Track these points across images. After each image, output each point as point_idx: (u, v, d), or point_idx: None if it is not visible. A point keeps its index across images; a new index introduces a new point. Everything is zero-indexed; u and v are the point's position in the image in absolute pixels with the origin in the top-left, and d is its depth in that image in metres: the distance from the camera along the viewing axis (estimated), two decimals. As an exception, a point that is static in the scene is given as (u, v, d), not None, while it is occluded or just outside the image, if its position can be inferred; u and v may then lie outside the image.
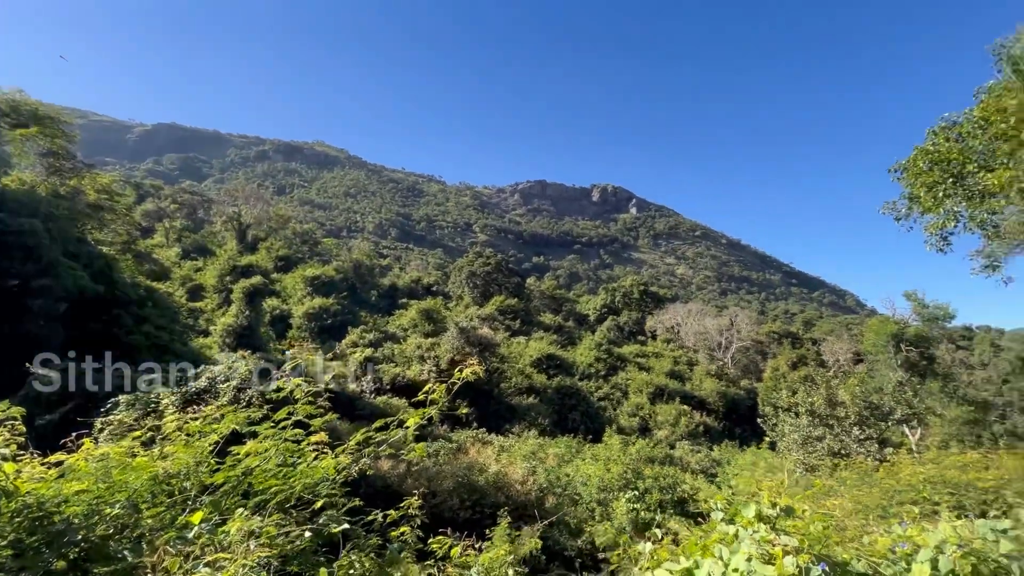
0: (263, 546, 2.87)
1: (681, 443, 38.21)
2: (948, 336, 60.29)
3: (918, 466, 8.80)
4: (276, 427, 3.65)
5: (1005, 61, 7.35)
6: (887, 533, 4.58)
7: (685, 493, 18.27)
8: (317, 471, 3.32)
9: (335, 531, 3.07)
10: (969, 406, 32.83)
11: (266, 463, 3.53)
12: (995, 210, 7.20)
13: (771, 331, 69.46)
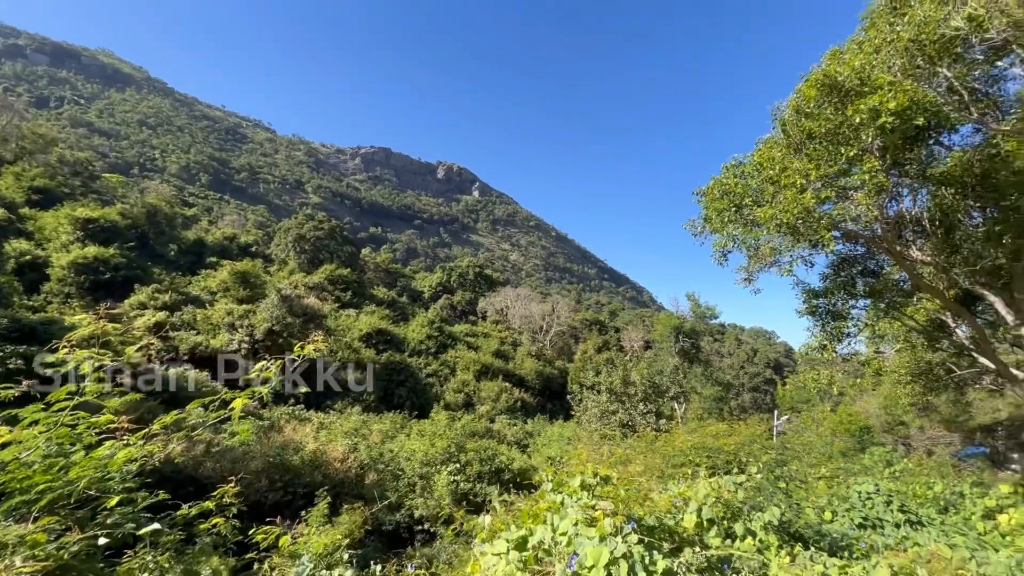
0: (29, 559, 2.32)
1: (500, 417, 40.85)
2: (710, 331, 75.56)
3: (686, 435, 11.07)
4: (49, 409, 2.91)
5: (777, 121, 9.39)
6: (665, 491, 5.62)
7: (502, 464, 19.71)
8: (112, 463, 2.75)
9: (144, 532, 2.61)
10: (718, 386, 41.75)
11: (29, 455, 2.82)
12: (757, 237, 9.22)
13: (584, 318, 78.10)
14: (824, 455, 19.25)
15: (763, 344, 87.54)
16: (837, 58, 9.63)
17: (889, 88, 7.43)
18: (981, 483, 11.78)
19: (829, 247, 8.05)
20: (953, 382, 17.24)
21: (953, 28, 6.41)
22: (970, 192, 9.62)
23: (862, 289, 11.80)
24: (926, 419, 25.32)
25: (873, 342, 15.16)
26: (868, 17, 9.44)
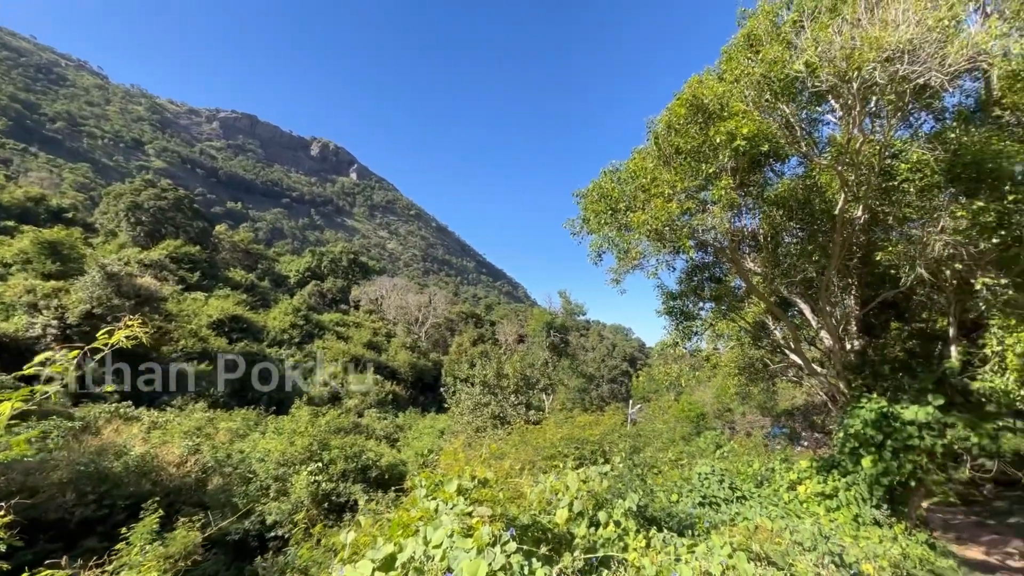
0: None
1: (370, 411, 39.22)
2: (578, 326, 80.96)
3: (556, 427, 11.60)
4: None
5: (651, 134, 10.10)
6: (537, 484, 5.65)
7: (369, 460, 18.81)
8: None
9: None
10: (582, 378, 44.77)
11: None
12: (628, 241, 9.83)
13: (461, 311, 78.35)
14: (670, 440, 21.62)
15: (621, 340, 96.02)
16: (703, 83, 10.68)
17: (743, 116, 8.38)
18: (787, 459, 14.09)
19: (689, 253, 8.92)
20: (768, 374, 20.34)
21: (795, 70, 7.42)
22: (793, 215, 11.34)
23: (709, 293, 13.31)
24: (747, 405, 29.87)
25: (713, 340, 17.20)
26: (729, 51, 10.59)
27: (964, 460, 17.35)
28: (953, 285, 10.05)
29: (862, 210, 9.89)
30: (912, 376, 10.99)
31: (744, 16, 10.88)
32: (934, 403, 10.08)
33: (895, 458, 10.36)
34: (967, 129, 9.04)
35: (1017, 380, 8.23)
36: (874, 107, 8.91)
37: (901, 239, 9.88)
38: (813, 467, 11.40)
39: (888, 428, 10.44)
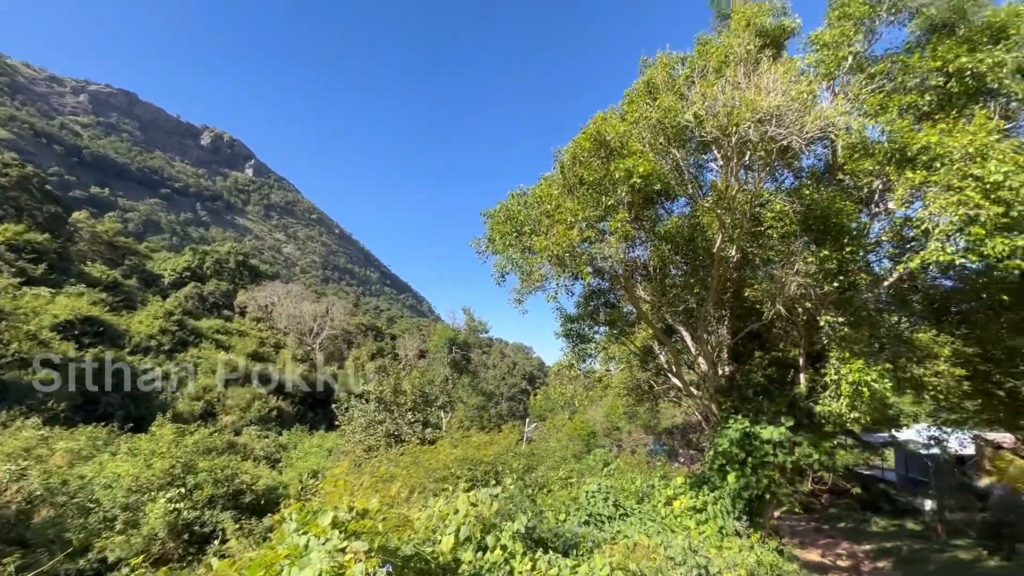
0: None
1: (250, 429, 35.87)
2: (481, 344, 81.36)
3: (450, 448, 11.37)
4: None
5: (557, 163, 10.54)
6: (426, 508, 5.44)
7: (244, 484, 17.08)
8: None
9: None
10: (482, 396, 44.80)
11: None
12: (531, 263, 10.08)
13: (361, 323, 75.13)
14: (562, 459, 22.26)
15: (523, 358, 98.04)
16: (607, 121, 11.42)
17: (640, 156, 9.06)
18: (665, 475, 15.10)
19: (586, 280, 9.37)
20: (653, 395, 21.79)
21: (685, 120, 8.22)
22: (679, 250, 12.40)
23: (603, 317, 14.03)
24: (633, 424, 31.79)
25: (605, 362, 18.08)
26: (631, 94, 11.44)
27: (807, 474, 19.86)
28: (803, 320, 11.56)
29: (735, 250, 11.08)
30: (770, 399, 12.41)
31: (645, 65, 11.86)
32: (786, 424, 11.44)
33: (754, 473, 11.54)
34: (818, 188, 10.57)
35: (848, 405, 9.59)
36: (748, 160, 10.11)
37: (765, 278, 11.20)
38: (687, 483, 12.33)
39: (750, 446, 11.63)
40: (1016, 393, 13.10)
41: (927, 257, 7.78)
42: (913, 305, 12.40)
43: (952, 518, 19.90)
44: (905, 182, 8.25)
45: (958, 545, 18.38)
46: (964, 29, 9.39)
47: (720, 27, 12.73)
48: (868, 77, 9.85)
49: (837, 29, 10.01)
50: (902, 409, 20.51)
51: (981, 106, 9.04)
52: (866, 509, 24.23)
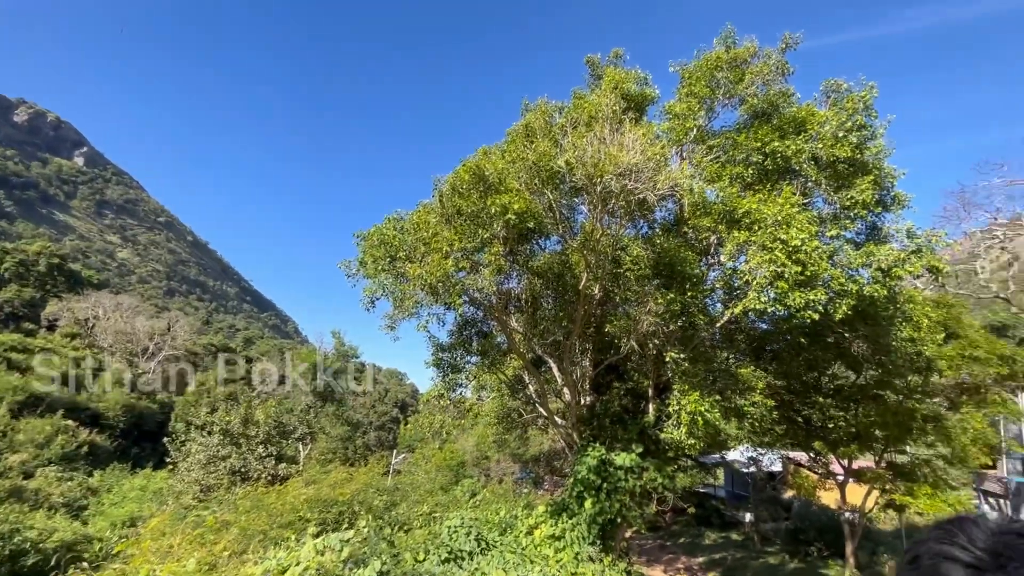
0: None
1: (47, 469, 29.44)
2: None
3: (302, 488, 10.31)
4: None
5: (436, 191, 10.55)
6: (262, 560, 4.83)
7: (28, 542, 13.82)
8: None
9: None
10: (348, 425, 42.03)
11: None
12: (404, 290, 9.83)
13: (211, 343, 66.69)
14: (428, 492, 21.60)
15: (395, 385, 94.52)
16: (488, 155, 11.78)
17: (516, 193, 9.45)
18: (528, 504, 15.39)
19: (458, 310, 9.37)
20: (522, 423, 22.30)
21: (558, 165, 8.81)
22: (550, 285, 13.07)
23: (476, 347, 14.13)
24: (502, 452, 32.13)
25: (477, 390, 18.15)
26: (512, 134, 11.99)
27: (653, 496, 21.70)
28: (653, 355, 12.81)
29: (599, 288, 11.98)
30: (624, 428, 13.43)
31: (527, 109, 12.57)
32: (636, 451, 12.42)
33: (608, 498, 12.28)
34: (668, 238, 11.97)
35: (687, 433, 10.74)
36: (612, 208, 11.11)
37: (623, 315, 12.24)
38: (548, 511, 12.70)
39: (605, 473, 12.38)
40: (809, 419, 15.84)
41: (747, 304, 9.15)
42: (739, 344, 14.45)
43: (764, 528, 23.08)
44: (732, 239, 9.70)
45: (769, 552, 21.33)
46: (777, 119, 11.49)
47: (593, 85, 14.03)
48: (708, 148, 11.53)
49: (685, 104, 11.64)
50: (729, 433, 23.60)
51: (787, 183, 11.05)
52: (701, 524, 27.11)
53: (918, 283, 18.45)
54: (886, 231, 11.31)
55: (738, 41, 11.98)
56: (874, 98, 10.52)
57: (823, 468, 17.65)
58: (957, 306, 15.71)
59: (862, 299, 9.75)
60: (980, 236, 33.64)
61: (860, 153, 10.57)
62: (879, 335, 11.78)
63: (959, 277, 36.33)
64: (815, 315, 8.90)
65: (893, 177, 11.06)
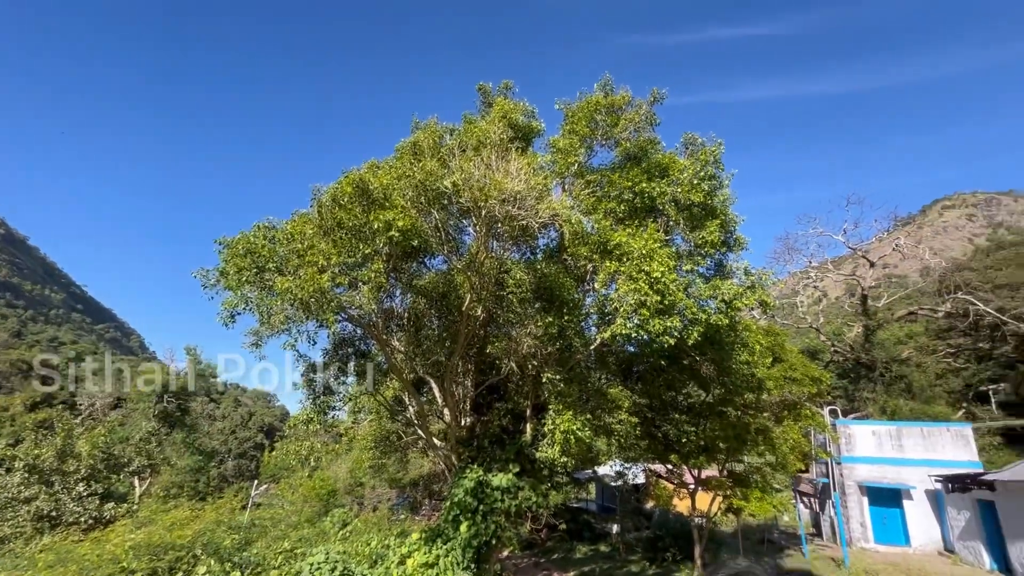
0: None
1: None
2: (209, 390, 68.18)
3: (129, 532, 8.71)
4: None
5: (315, 201, 9.96)
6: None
7: None
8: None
9: None
10: (199, 455, 37.02)
11: None
12: (271, 305, 9.03)
13: (20, 359, 55.10)
14: (292, 526, 19.74)
15: (262, 407, 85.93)
16: (375, 168, 11.44)
17: (402, 210, 9.26)
18: (403, 532, 14.78)
19: (332, 328, 8.83)
20: (401, 447, 21.51)
21: (444, 187, 8.84)
22: (434, 304, 12.94)
23: (354, 367, 13.43)
24: (378, 478, 30.62)
25: (353, 413, 17.19)
26: (399, 150, 11.81)
27: (527, 515, 22.17)
28: (532, 376, 13.22)
29: (482, 310, 12.12)
30: (502, 448, 13.59)
31: (417, 127, 12.51)
32: (513, 471, 12.62)
33: (484, 520, 12.25)
34: (549, 264, 12.56)
35: (560, 451, 11.17)
36: (499, 232, 11.40)
37: (504, 337, 12.50)
38: (422, 538, 12.30)
39: (482, 494, 12.36)
40: (667, 434, 17.45)
41: (615, 329, 9.88)
42: (610, 365, 15.52)
43: (629, 538, 24.71)
44: (605, 269, 10.47)
45: (632, 560, 22.82)
46: (646, 163, 12.77)
47: (484, 111, 14.44)
48: (586, 182, 12.42)
49: (568, 140, 12.46)
50: (600, 449, 25.07)
51: (653, 220, 12.27)
52: (574, 539, 28.18)
53: (754, 313, 21.50)
54: (729, 268, 13.05)
55: (615, 89, 13.20)
56: (722, 153, 12.21)
57: (678, 479, 19.46)
58: (781, 334, 18.56)
59: (710, 327, 11.06)
60: (799, 276, 40.39)
61: (710, 199, 12.14)
62: (723, 358, 13.42)
63: (784, 309, 43.15)
64: (671, 340, 9.89)
65: (735, 222, 12.83)
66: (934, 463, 20.58)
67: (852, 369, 35.46)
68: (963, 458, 20.72)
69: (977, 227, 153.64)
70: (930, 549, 19.77)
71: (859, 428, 22.52)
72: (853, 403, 33.41)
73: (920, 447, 21.33)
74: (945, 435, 21.56)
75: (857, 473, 21.49)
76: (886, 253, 39.61)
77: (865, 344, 35.25)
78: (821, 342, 38.15)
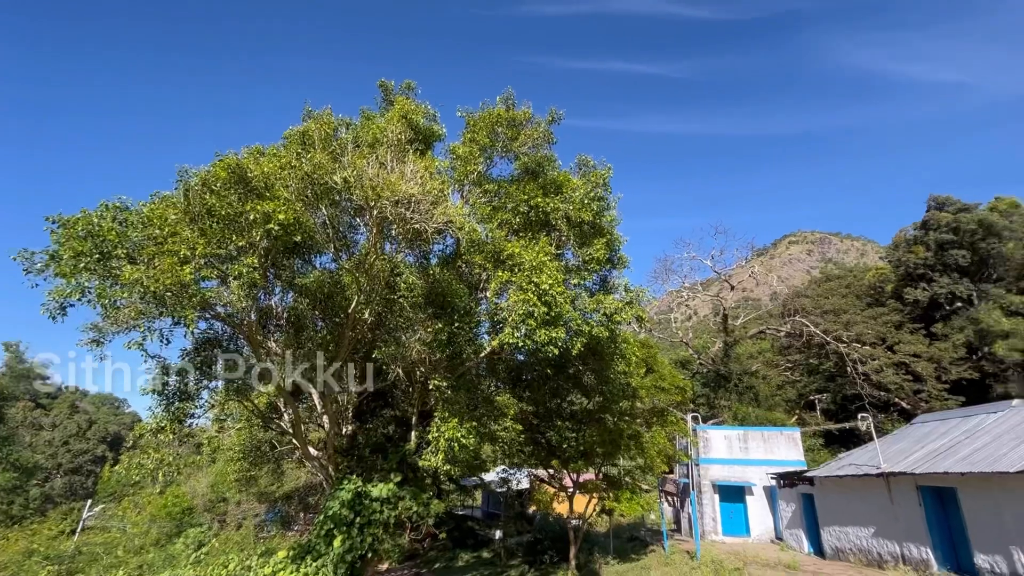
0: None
1: None
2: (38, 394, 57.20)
3: None
4: None
5: (182, 184, 8.91)
6: None
7: None
8: None
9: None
10: (16, 471, 30.93)
11: None
12: (118, 297, 7.86)
13: None
14: (136, 549, 17.19)
15: (107, 414, 74.24)
16: (258, 154, 10.52)
17: (284, 203, 8.61)
18: (268, 551, 13.60)
19: (190, 327, 7.89)
20: (275, 456, 19.88)
21: (334, 181, 8.38)
22: (318, 305, 12.19)
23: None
24: (246, 493, 27.92)
25: (219, 421, 15.57)
26: (288, 138, 11.02)
27: (407, 525, 21.61)
28: (420, 383, 12.99)
29: (370, 313, 11.67)
30: (384, 457, 13.13)
31: (310, 115, 11.77)
32: (394, 480, 12.23)
33: (360, 534, 11.69)
34: (443, 270, 12.48)
35: (444, 459, 11.06)
36: (394, 234, 11.08)
37: (393, 342, 12.14)
38: (289, 556, 11.41)
39: (360, 506, 11.80)
40: (550, 441, 18.12)
41: (503, 338, 10.08)
42: (500, 373, 15.76)
43: (511, 543, 25.15)
44: (498, 278, 10.65)
45: (512, 564, 23.24)
46: (542, 179, 13.27)
47: (384, 109, 14.03)
48: (484, 192, 12.59)
49: (468, 148, 12.55)
50: (486, 456, 25.31)
51: (545, 235, 12.77)
52: (457, 547, 28.01)
53: (634, 327, 23.29)
54: (612, 284, 13.99)
55: (517, 104, 13.58)
56: (611, 176, 13.09)
57: (558, 483, 20.27)
58: (655, 347, 20.30)
59: (592, 338, 11.74)
60: (675, 295, 44.57)
61: (599, 219, 12.94)
62: (603, 368, 14.30)
63: (661, 324, 47.28)
64: (556, 350, 10.32)
65: (620, 242, 13.80)
66: (771, 462, 23.74)
67: (713, 379, 39.78)
68: (793, 458, 24.18)
69: (814, 260, 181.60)
70: (765, 538, 22.72)
71: (715, 432, 25.27)
72: (713, 410, 37.44)
73: (761, 449, 24.50)
74: (780, 438, 25.02)
75: (712, 473, 24.04)
76: (744, 279, 45.36)
77: (724, 358, 39.80)
78: (690, 355, 42.36)
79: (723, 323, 40.58)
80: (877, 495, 15.20)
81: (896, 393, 35.43)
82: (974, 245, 37.55)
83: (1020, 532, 10.86)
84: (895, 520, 14.50)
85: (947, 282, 37.61)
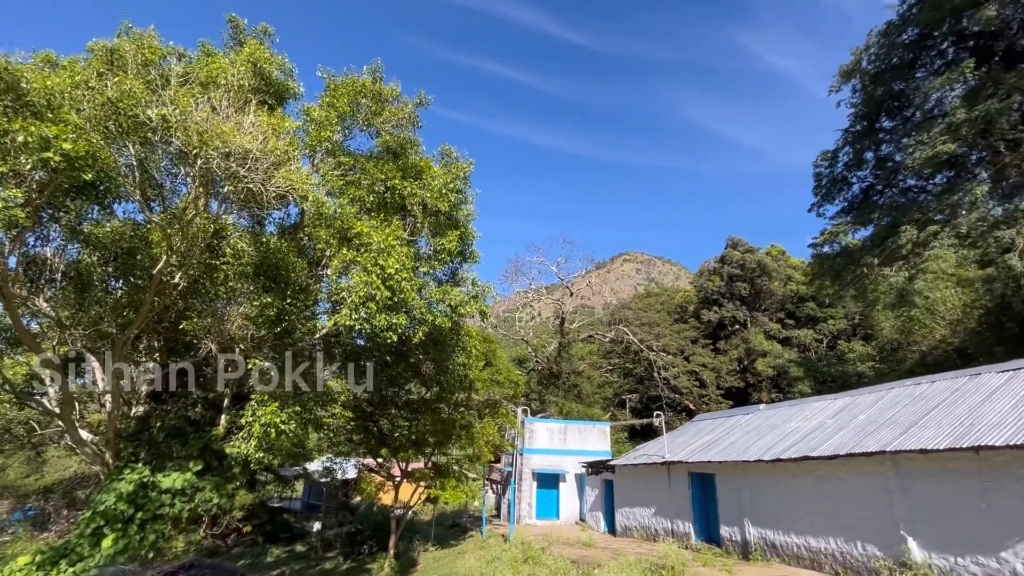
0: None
1: None
2: None
3: None
4: None
5: None
6: None
7: None
8: None
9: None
10: None
11: None
12: None
13: None
14: None
15: None
16: (43, 65, 8.37)
17: (75, 130, 7.00)
18: (3, 557, 10.94)
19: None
20: (33, 442, 16.14)
21: (147, 116, 7.05)
22: (113, 260, 10.19)
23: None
24: (-16, 486, 22.10)
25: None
26: (93, 51, 9.00)
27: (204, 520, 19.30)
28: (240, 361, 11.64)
29: (182, 276, 10.12)
30: (183, 443, 11.48)
31: (128, 31, 9.76)
32: (193, 469, 10.77)
33: (141, 531, 10.07)
34: (281, 240, 11.36)
35: (257, 446, 10.07)
36: (225, 192, 9.73)
37: (209, 313, 10.71)
38: (35, 562, 9.31)
39: (143, 499, 10.15)
40: (382, 429, 17.75)
41: (339, 319, 9.57)
42: (335, 355, 14.90)
43: (329, 535, 24.00)
44: (341, 256, 10.07)
45: (328, 557, 22.20)
46: (403, 161, 12.89)
47: (232, 48, 12.28)
48: (338, 164, 11.78)
49: (325, 112, 11.62)
50: (312, 445, 23.75)
51: (400, 219, 12.44)
52: (268, 541, 25.78)
53: (478, 320, 23.96)
54: (462, 277, 14.21)
55: (385, 79, 12.99)
56: (471, 171, 13.29)
57: (386, 472, 19.95)
58: (496, 342, 21.19)
59: (435, 328, 11.78)
60: (523, 295, 47.02)
61: (456, 211, 13.03)
62: (443, 359, 14.44)
63: (508, 322, 49.54)
64: (395, 336, 10.13)
65: (473, 236, 14.07)
66: (584, 452, 26.49)
67: (546, 377, 42.93)
68: (602, 448, 27.31)
69: (641, 278, 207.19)
70: (571, 520, 25.27)
71: (539, 425, 27.31)
72: (543, 405, 40.38)
73: (576, 441, 27.18)
74: (593, 431, 28.08)
75: (533, 462, 25.93)
76: (582, 287, 49.91)
77: (557, 357, 43.24)
78: (528, 352, 45.10)
79: (560, 326, 44.00)
80: (660, 480, 17.95)
81: (687, 396, 42.37)
82: (753, 280, 46.69)
83: (752, 507, 13.77)
84: (670, 501, 17.28)
85: (732, 307, 46.21)
